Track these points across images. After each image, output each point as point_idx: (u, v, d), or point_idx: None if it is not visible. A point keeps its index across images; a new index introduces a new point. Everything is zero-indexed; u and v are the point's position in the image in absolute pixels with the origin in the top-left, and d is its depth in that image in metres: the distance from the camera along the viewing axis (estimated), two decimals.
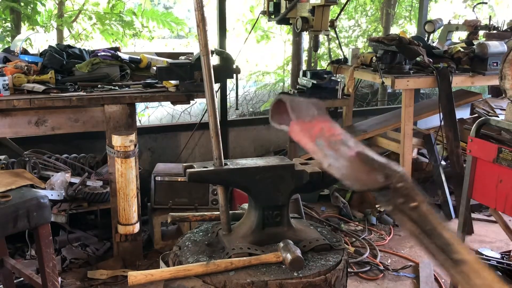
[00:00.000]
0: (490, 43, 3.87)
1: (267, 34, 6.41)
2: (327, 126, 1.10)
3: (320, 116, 1.12)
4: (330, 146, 1.05)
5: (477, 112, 4.21)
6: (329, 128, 1.10)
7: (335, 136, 1.07)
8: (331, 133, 1.09)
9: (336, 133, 1.09)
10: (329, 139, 1.06)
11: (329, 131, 1.09)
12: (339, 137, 1.07)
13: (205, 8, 1.75)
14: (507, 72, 2.37)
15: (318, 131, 1.08)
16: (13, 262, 2.57)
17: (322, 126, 1.09)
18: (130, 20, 5.22)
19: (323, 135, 1.08)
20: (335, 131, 1.10)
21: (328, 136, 1.08)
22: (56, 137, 3.39)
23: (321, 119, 1.12)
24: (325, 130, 1.09)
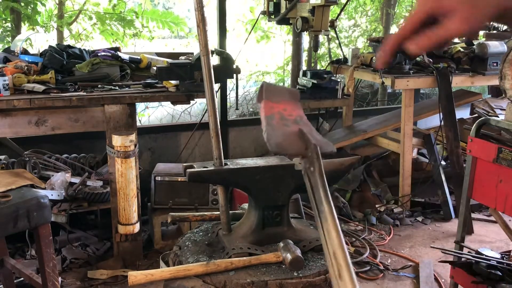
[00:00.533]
0: (490, 43, 3.88)
1: (267, 34, 6.41)
2: (290, 107, 1.17)
3: (289, 100, 1.20)
4: (278, 120, 1.13)
5: (477, 112, 4.22)
6: (291, 109, 1.17)
7: (291, 115, 1.15)
8: (288, 112, 1.16)
9: (294, 113, 1.16)
10: (282, 115, 1.14)
11: (289, 111, 1.16)
12: (293, 117, 1.15)
13: (205, 8, 1.75)
14: (507, 72, 2.37)
15: (278, 109, 1.15)
16: (13, 262, 2.57)
17: (286, 107, 1.17)
18: (131, 20, 5.22)
19: (280, 112, 1.15)
20: (294, 112, 1.17)
21: (284, 113, 1.15)
22: (56, 137, 3.40)
23: (289, 102, 1.19)
24: (285, 110, 1.16)
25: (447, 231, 3.84)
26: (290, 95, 1.21)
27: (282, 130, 1.12)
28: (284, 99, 1.19)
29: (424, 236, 3.76)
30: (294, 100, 1.21)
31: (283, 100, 1.18)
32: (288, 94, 1.21)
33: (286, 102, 1.18)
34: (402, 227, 3.91)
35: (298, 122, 1.14)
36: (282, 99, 1.18)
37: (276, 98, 1.18)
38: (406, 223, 3.97)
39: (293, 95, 1.22)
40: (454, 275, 2.59)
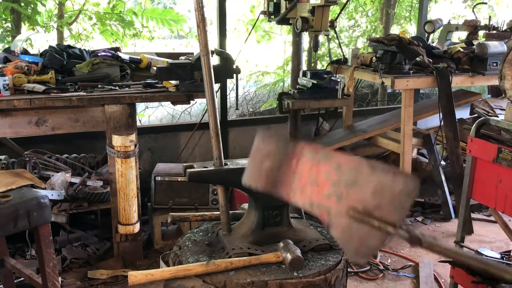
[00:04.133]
0: (489, 43, 3.87)
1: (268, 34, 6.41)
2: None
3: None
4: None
5: (477, 112, 4.22)
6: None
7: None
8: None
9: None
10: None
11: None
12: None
13: (205, 8, 1.75)
14: (506, 72, 2.37)
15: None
16: (13, 262, 2.57)
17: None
18: (130, 20, 5.22)
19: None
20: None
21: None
22: (57, 137, 3.40)
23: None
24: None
25: (447, 231, 3.84)
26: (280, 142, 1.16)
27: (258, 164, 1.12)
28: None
29: None
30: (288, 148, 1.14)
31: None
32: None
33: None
34: None
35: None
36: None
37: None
38: (406, 223, 3.96)
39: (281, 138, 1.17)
40: (454, 275, 2.59)
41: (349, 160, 1.02)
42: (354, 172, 1.00)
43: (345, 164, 1.02)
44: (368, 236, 0.96)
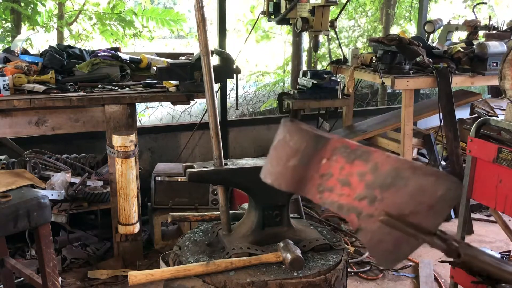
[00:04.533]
0: (489, 43, 3.87)
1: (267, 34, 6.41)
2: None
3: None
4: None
5: (477, 112, 4.22)
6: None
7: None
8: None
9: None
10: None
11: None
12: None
13: (205, 8, 1.75)
14: (506, 72, 2.37)
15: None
16: (13, 262, 2.57)
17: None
18: (130, 20, 5.22)
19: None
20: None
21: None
22: (57, 137, 3.40)
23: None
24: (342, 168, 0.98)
25: (447, 231, 3.83)
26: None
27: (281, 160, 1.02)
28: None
29: None
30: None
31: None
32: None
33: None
34: None
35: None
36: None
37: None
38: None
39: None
40: (454, 275, 2.59)
41: (389, 160, 0.94)
42: (393, 174, 0.93)
43: (384, 165, 0.94)
44: (400, 242, 0.92)
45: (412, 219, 0.89)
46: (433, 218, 0.90)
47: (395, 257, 0.94)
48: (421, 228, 0.88)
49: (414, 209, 0.90)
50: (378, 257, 0.96)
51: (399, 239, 0.91)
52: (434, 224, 0.90)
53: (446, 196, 0.89)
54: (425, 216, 0.90)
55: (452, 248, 0.88)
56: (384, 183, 0.93)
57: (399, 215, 0.90)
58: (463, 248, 0.88)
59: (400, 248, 0.92)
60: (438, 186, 0.89)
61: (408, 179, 0.91)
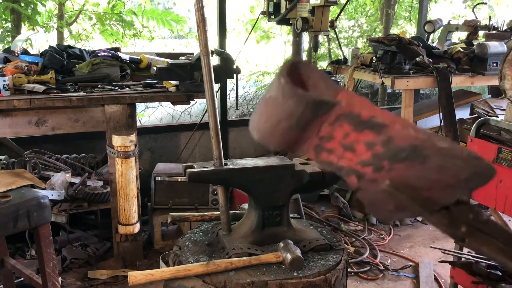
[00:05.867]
0: (489, 43, 3.87)
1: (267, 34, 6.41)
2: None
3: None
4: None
5: (476, 112, 4.21)
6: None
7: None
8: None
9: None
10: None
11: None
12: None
13: (205, 8, 1.75)
14: (506, 72, 2.37)
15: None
16: (13, 262, 2.57)
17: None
18: (130, 20, 5.23)
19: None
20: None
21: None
22: (57, 137, 3.40)
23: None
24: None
25: None
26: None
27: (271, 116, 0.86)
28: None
29: (424, 236, 3.76)
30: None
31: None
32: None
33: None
34: (402, 227, 3.91)
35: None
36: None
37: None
38: (406, 223, 3.97)
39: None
40: (454, 275, 2.59)
41: (408, 136, 0.79)
42: (409, 150, 0.78)
43: (400, 139, 0.79)
44: (402, 207, 0.79)
45: (422, 193, 0.77)
46: (448, 195, 0.77)
47: (395, 216, 0.83)
48: (430, 203, 0.76)
49: (428, 185, 0.77)
50: (377, 214, 0.88)
51: (401, 205, 0.79)
52: (448, 200, 0.77)
53: (471, 180, 0.76)
54: (439, 192, 0.77)
55: (457, 232, 0.75)
56: (396, 156, 0.79)
57: (406, 186, 0.78)
58: (471, 234, 0.75)
59: (402, 212, 0.81)
60: (464, 169, 0.76)
61: (427, 157, 0.77)
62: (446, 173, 0.76)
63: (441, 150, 0.77)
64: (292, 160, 1.80)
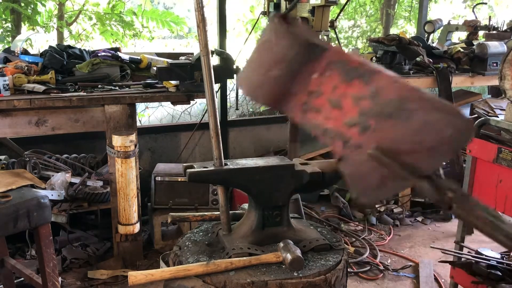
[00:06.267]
0: (489, 44, 3.88)
1: None
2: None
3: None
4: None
5: (476, 112, 4.21)
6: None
7: None
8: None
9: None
10: None
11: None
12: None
13: (205, 8, 1.75)
14: (506, 72, 2.37)
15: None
16: (13, 262, 2.57)
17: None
18: (130, 21, 5.23)
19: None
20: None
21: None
22: (57, 137, 3.40)
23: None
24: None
25: (447, 231, 3.84)
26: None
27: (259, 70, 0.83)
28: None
29: (424, 236, 3.76)
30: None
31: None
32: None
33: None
34: (402, 227, 3.91)
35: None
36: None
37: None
38: (406, 223, 3.97)
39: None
40: (454, 275, 2.59)
41: (395, 86, 0.78)
42: (396, 103, 0.76)
43: (387, 91, 0.78)
44: (386, 180, 0.78)
45: (407, 157, 0.76)
46: (432, 160, 0.77)
47: (377, 194, 0.81)
48: (414, 169, 0.74)
49: (412, 148, 0.76)
50: (358, 191, 0.82)
51: (385, 177, 0.78)
52: (432, 167, 0.77)
53: (453, 138, 0.75)
54: (423, 157, 0.76)
55: (444, 198, 0.74)
56: (382, 112, 0.78)
57: (392, 151, 0.76)
58: (458, 199, 0.74)
59: (384, 187, 0.79)
60: (448, 125, 0.74)
61: (412, 112, 0.76)
62: (430, 131, 0.75)
63: (425, 102, 0.76)
64: (292, 160, 1.80)
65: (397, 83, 0.79)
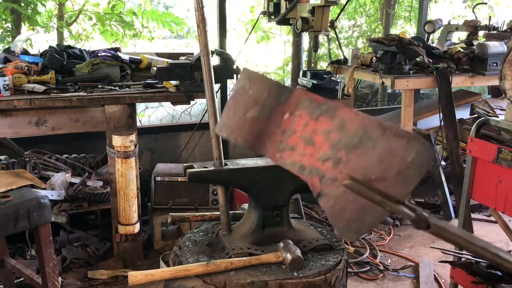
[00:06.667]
0: (490, 44, 3.87)
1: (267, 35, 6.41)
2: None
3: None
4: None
5: (477, 113, 4.22)
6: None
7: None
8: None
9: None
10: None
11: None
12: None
13: (205, 8, 1.75)
14: (507, 73, 2.37)
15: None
16: (13, 262, 2.57)
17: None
18: (130, 21, 5.23)
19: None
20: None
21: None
22: (57, 137, 3.40)
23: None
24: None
25: None
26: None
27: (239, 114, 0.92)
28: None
29: (424, 236, 3.76)
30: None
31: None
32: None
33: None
34: (402, 227, 3.91)
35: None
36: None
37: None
38: (406, 223, 3.97)
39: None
40: (454, 275, 2.59)
41: (357, 117, 0.84)
42: (360, 133, 0.83)
43: (351, 123, 0.84)
44: (365, 210, 0.83)
45: (379, 185, 0.81)
46: (402, 186, 0.82)
47: (358, 226, 0.85)
48: (389, 195, 0.79)
49: (382, 174, 0.81)
50: (340, 226, 0.86)
51: (364, 207, 0.82)
52: (403, 192, 0.82)
53: (417, 161, 0.81)
54: (393, 183, 0.81)
55: (422, 218, 0.79)
56: (350, 143, 0.84)
57: (365, 179, 0.81)
58: (433, 219, 0.80)
59: (364, 217, 0.84)
60: (409, 150, 0.81)
61: (376, 140, 0.82)
62: (394, 156, 0.81)
63: (386, 130, 0.82)
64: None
65: (358, 114, 0.85)
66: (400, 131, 0.82)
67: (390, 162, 0.81)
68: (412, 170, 0.81)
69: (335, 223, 0.87)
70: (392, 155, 0.81)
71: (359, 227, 0.85)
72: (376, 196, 0.79)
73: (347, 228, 0.85)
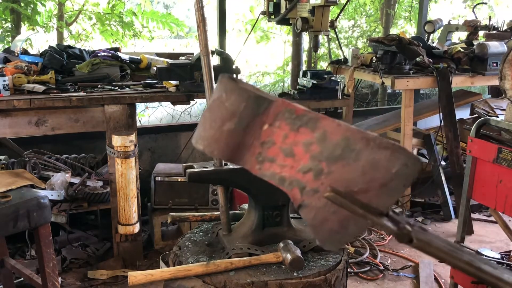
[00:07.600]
0: (490, 43, 3.87)
1: (267, 35, 6.41)
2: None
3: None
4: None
5: (477, 112, 4.22)
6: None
7: None
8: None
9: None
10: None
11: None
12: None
13: (205, 8, 1.75)
14: (507, 73, 2.37)
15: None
16: (13, 262, 2.57)
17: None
18: (130, 21, 5.23)
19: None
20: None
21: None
22: (56, 137, 3.39)
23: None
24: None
25: (447, 232, 3.84)
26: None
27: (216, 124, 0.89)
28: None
29: None
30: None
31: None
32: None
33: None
34: None
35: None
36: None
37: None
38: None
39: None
40: (454, 275, 2.58)
41: (339, 129, 0.82)
42: (343, 144, 0.81)
43: (333, 134, 0.82)
44: (347, 221, 0.81)
45: (362, 197, 0.79)
46: (385, 197, 0.80)
47: (340, 237, 0.84)
48: (371, 207, 0.78)
49: (365, 186, 0.79)
50: (322, 237, 0.85)
51: (346, 219, 0.81)
52: (386, 204, 0.80)
53: (401, 173, 0.79)
54: (376, 195, 0.79)
55: (404, 232, 0.77)
56: (332, 155, 0.81)
57: (347, 191, 0.80)
58: (416, 233, 0.77)
59: (347, 229, 0.82)
60: (394, 161, 0.78)
61: (359, 151, 0.80)
62: (378, 168, 0.79)
63: (370, 141, 0.80)
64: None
65: (341, 125, 0.83)
66: (384, 142, 0.80)
67: (374, 174, 0.79)
68: (396, 182, 0.79)
69: (316, 234, 0.85)
70: (376, 167, 0.79)
71: (342, 237, 0.84)
72: (357, 209, 0.78)
73: (329, 239, 0.84)
